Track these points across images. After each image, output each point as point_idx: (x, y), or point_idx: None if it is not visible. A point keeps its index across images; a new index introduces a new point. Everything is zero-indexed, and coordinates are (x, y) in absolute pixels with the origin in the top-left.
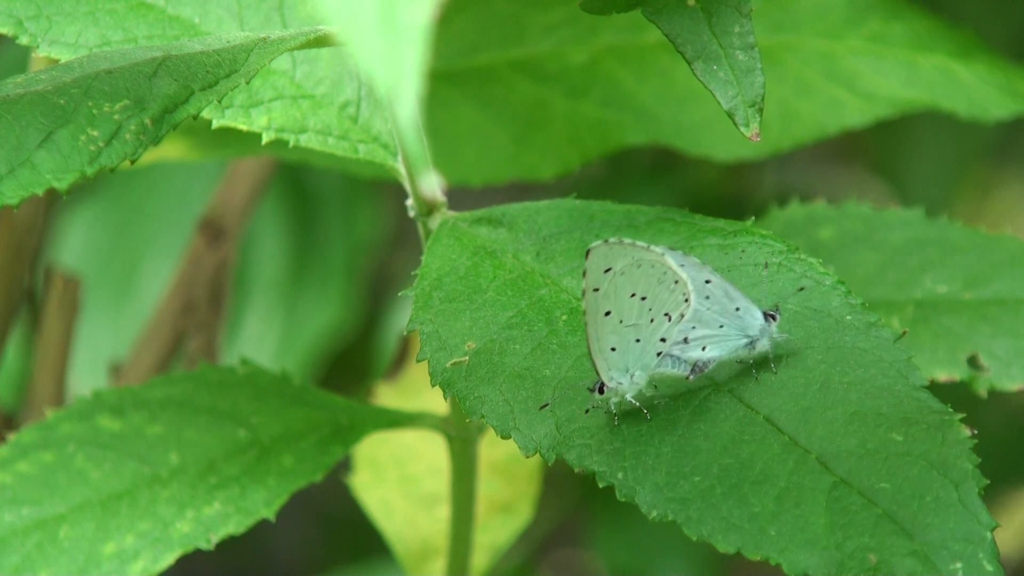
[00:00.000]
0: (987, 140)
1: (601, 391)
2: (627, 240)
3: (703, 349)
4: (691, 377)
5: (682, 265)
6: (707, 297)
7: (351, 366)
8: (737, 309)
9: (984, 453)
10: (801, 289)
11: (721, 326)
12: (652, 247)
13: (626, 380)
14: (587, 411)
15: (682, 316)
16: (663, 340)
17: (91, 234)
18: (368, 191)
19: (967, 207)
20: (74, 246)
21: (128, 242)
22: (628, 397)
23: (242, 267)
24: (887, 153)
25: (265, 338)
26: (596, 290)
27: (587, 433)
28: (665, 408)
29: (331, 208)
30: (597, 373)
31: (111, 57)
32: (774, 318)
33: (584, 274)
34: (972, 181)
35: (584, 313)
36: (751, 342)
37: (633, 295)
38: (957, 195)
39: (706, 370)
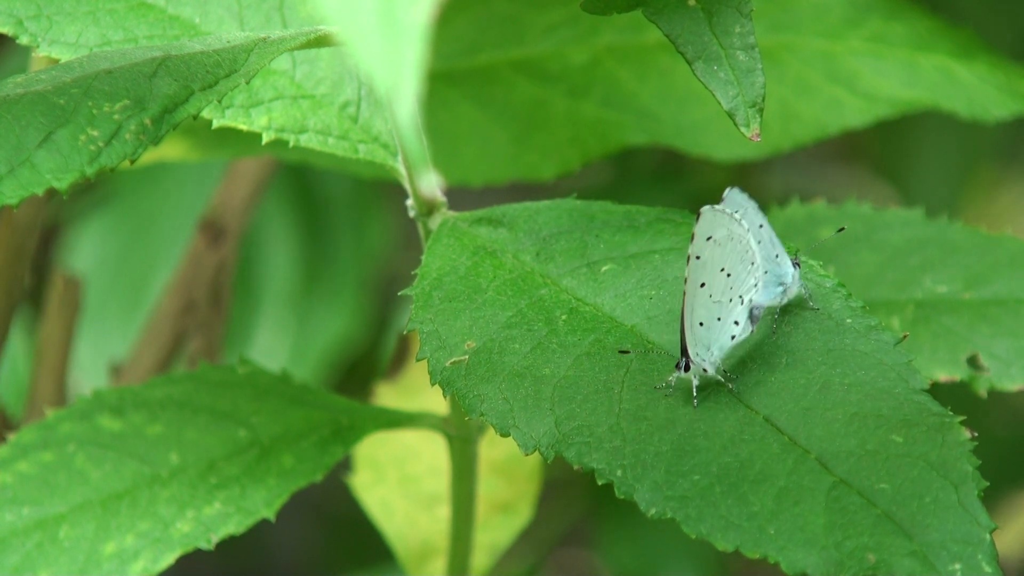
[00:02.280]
0: (991, 141)
1: (687, 368)
2: (727, 209)
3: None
4: (753, 328)
5: (744, 208)
6: (759, 242)
7: (361, 372)
8: (776, 256)
9: (984, 455)
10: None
11: (766, 272)
12: (742, 220)
13: (708, 358)
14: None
15: (750, 301)
16: (736, 323)
17: (103, 243)
18: (377, 198)
19: (971, 208)
20: (87, 254)
21: (140, 250)
22: (711, 372)
23: (252, 277)
24: (891, 155)
25: (277, 349)
26: (698, 258)
27: (586, 431)
28: (665, 406)
29: (341, 217)
30: (684, 349)
31: (111, 57)
32: (799, 265)
33: (692, 238)
34: (976, 182)
35: (685, 281)
36: (784, 289)
37: (722, 270)
38: (962, 196)
39: (758, 319)
